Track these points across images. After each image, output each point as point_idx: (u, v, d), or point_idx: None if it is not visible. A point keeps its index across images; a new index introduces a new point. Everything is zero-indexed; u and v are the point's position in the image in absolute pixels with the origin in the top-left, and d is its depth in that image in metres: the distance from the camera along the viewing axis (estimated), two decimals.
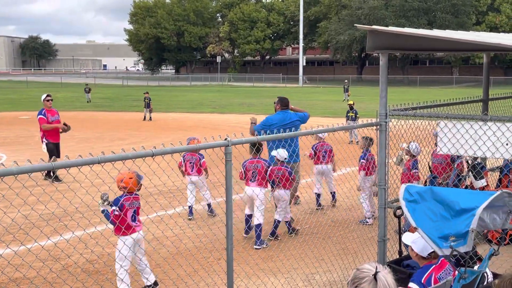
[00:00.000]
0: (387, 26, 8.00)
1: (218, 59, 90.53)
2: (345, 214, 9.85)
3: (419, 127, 7.07)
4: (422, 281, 4.26)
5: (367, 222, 9.51)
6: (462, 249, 3.87)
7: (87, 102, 41.29)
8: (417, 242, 4.43)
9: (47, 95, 13.25)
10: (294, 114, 9.76)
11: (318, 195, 10.66)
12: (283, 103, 9.73)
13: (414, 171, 8.73)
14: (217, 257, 7.51)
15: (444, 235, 3.91)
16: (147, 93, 29.58)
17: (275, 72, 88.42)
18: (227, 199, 4.74)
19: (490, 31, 63.36)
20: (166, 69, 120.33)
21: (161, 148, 4.25)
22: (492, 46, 5.71)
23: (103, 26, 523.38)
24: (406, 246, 5.24)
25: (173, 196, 9.70)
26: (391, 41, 5.92)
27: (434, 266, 4.38)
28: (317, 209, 10.38)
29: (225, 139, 4.63)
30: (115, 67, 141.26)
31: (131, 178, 6.23)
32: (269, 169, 8.46)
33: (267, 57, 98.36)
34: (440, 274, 4.32)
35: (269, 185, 8.62)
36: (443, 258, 4.33)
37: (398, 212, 6.11)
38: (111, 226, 8.21)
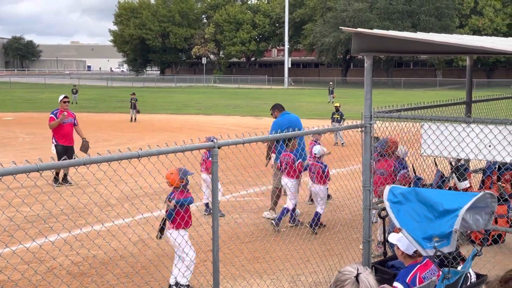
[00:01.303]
0: (371, 28, 8.07)
1: (204, 60, 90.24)
2: (330, 215, 9.89)
3: (403, 129, 7.13)
4: (407, 281, 4.30)
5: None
6: (446, 250, 3.92)
7: (72, 103, 40.83)
8: (402, 240, 4.45)
9: (64, 97, 13.16)
10: (296, 116, 10.21)
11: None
12: (280, 107, 10.31)
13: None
14: (203, 258, 7.51)
15: (428, 236, 3.95)
16: (134, 94, 29.42)
17: (261, 74, 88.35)
18: (213, 200, 4.74)
19: (473, 34, 63.91)
20: (151, 70, 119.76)
21: (147, 150, 4.25)
22: (475, 49, 5.79)
23: (88, 26, 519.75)
24: (391, 247, 5.29)
25: (159, 198, 9.67)
26: (375, 44, 5.98)
27: (419, 265, 4.42)
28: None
29: (212, 140, 4.64)
30: (100, 68, 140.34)
31: (172, 173, 6.52)
32: (297, 162, 9.21)
33: (253, 58, 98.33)
34: (425, 274, 4.37)
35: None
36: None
37: (383, 213, 6.16)
38: (96, 228, 8.18)
